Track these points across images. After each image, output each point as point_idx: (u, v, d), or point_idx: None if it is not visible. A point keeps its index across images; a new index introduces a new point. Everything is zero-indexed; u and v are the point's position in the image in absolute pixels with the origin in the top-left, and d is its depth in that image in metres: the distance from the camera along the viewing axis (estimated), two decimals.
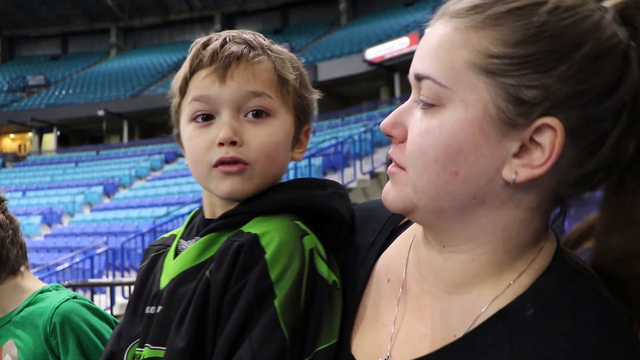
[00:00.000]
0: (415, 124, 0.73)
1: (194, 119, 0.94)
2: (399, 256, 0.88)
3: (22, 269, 1.60)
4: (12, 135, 33.74)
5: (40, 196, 23.02)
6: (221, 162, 0.91)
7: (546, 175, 0.69)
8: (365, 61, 22.44)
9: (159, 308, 0.92)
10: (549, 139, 0.68)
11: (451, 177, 0.71)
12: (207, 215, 0.99)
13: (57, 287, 1.63)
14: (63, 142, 31.27)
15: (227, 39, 0.96)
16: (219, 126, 0.92)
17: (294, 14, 34.01)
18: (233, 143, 0.91)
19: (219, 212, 0.96)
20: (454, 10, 0.72)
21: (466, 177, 0.70)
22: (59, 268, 12.02)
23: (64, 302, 1.49)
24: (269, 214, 0.91)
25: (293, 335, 0.80)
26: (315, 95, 1.04)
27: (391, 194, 0.78)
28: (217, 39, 0.96)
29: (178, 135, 1.03)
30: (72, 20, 36.24)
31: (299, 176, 11.83)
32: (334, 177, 12.21)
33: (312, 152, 14.49)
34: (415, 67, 0.74)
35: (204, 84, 0.93)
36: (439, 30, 0.72)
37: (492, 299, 0.74)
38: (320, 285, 0.84)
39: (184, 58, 1.03)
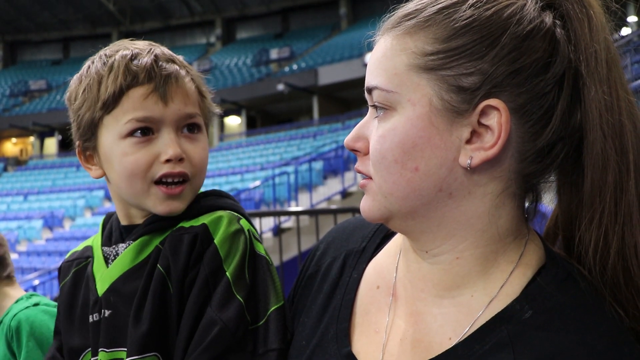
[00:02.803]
0: (374, 133, 0.77)
1: (130, 135, 0.95)
2: (388, 263, 0.89)
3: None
4: (13, 140, 33.78)
5: (41, 200, 23.02)
6: (165, 177, 0.95)
7: (503, 155, 0.73)
8: (366, 65, 22.46)
9: (107, 312, 0.96)
10: (496, 119, 0.72)
11: (413, 173, 0.74)
12: (124, 222, 1.04)
13: (30, 295, 1.66)
14: (64, 147, 31.28)
15: (157, 55, 0.98)
16: (161, 143, 0.96)
17: (294, 19, 34.05)
18: (180, 160, 0.96)
19: (137, 220, 1.02)
20: (390, 23, 0.77)
21: (426, 170, 0.73)
22: None
23: (23, 310, 1.54)
24: (194, 216, 0.98)
25: (246, 300, 0.89)
26: (218, 111, 1.09)
27: (367, 206, 0.81)
28: (141, 53, 0.97)
29: (85, 149, 1.02)
30: (74, 25, 36.32)
31: (300, 179, 11.85)
32: (334, 181, 12.21)
33: (312, 156, 14.50)
34: (366, 82, 0.78)
35: (146, 104, 0.94)
36: (380, 45, 0.78)
37: (488, 301, 0.75)
38: (260, 262, 0.95)
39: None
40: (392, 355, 0.80)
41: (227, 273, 0.91)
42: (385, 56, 0.77)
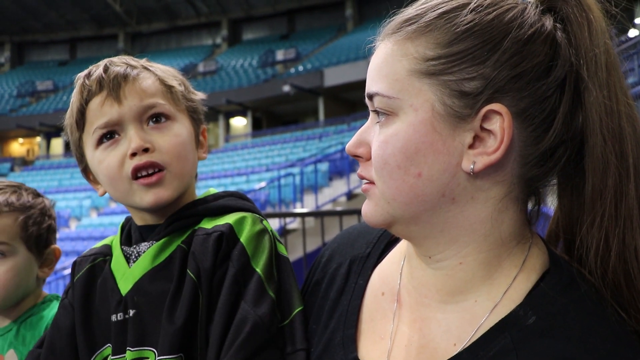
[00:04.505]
0: (375, 139, 0.76)
1: (100, 143, 1.00)
2: (393, 270, 0.89)
3: None
4: (20, 140, 33.93)
5: None
6: (137, 170, 0.97)
7: (506, 160, 0.72)
8: None
9: (132, 312, 0.97)
10: (498, 124, 0.71)
11: (416, 179, 0.73)
12: (140, 222, 1.05)
13: (57, 297, 1.64)
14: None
15: (108, 64, 1.02)
16: (127, 141, 0.98)
17: (300, 20, 34.07)
18: (145, 150, 0.97)
19: (151, 220, 1.04)
20: (390, 28, 0.76)
21: (429, 176, 0.73)
22: (66, 272, 12.06)
23: None
24: (215, 215, 1.00)
25: (277, 297, 0.90)
26: (200, 95, 1.11)
27: (369, 210, 0.81)
28: (97, 69, 1.02)
29: (85, 171, 1.08)
30: (81, 26, 36.46)
31: (305, 180, 11.85)
32: (340, 182, 12.20)
33: (318, 157, 14.50)
34: (367, 88, 0.78)
35: (103, 110, 0.98)
36: (381, 50, 0.77)
37: (491, 306, 0.75)
38: (284, 262, 0.96)
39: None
40: None
41: (257, 269, 0.92)
42: (386, 62, 0.76)
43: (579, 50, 0.72)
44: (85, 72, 1.03)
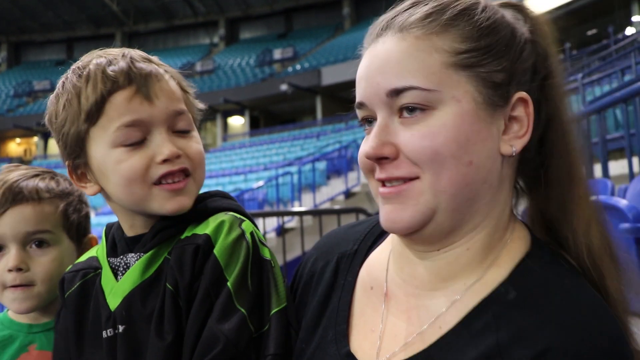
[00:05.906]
0: (409, 133, 0.76)
1: (122, 142, 0.91)
2: (380, 265, 0.91)
3: None
4: (17, 140, 33.89)
5: None
6: (164, 176, 0.92)
7: None
8: None
9: (121, 327, 0.93)
10: (522, 110, 0.78)
11: (467, 168, 0.75)
12: (130, 233, 1.00)
13: None
14: None
15: (133, 57, 0.94)
16: (154, 144, 0.92)
17: (297, 19, 34.06)
18: (177, 157, 0.93)
19: (141, 230, 0.98)
20: (407, 23, 0.77)
21: (478, 163, 0.76)
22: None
23: None
24: (199, 220, 0.96)
25: (250, 309, 0.86)
26: (200, 105, 1.05)
27: (406, 213, 0.78)
28: (115, 58, 0.94)
29: (77, 167, 0.98)
30: (78, 26, 36.41)
31: (303, 179, 11.85)
32: (337, 181, 12.20)
33: (316, 156, 14.50)
34: (388, 84, 0.76)
35: (132, 106, 0.91)
36: (395, 45, 0.77)
37: (477, 287, 0.78)
38: (266, 267, 0.92)
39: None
40: (388, 351, 0.82)
41: (228, 283, 0.88)
42: (412, 56, 0.76)
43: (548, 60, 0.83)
44: (101, 61, 0.94)
